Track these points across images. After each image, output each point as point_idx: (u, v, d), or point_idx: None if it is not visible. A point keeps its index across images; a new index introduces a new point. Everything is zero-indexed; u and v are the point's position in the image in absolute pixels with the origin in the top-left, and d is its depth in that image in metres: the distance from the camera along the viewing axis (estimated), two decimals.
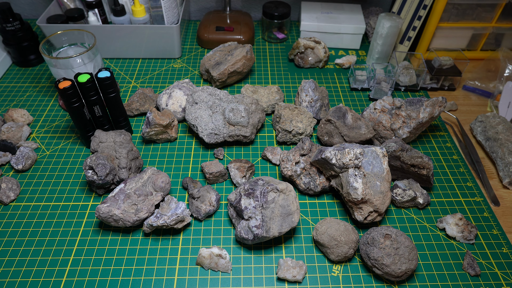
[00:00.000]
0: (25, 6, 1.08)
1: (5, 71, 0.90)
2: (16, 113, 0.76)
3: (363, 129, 0.68)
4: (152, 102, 0.79)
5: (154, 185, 0.59)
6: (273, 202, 0.55)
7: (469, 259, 0.56)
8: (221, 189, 0.66)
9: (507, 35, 0.92)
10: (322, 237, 0.55)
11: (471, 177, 0.69)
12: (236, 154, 0.72)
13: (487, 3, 0.86)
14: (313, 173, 0.64)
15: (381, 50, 0.89)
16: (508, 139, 0.70)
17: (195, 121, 0.70)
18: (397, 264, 0.51)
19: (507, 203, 0.66)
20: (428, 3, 0.84)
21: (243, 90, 0.80)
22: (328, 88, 0.87)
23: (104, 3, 0.95)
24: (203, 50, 0.98)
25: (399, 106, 0.70)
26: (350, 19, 0.96)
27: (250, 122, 0.70)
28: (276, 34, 1.01)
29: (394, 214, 0.63)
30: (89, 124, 0.68)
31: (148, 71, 0.91)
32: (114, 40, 0.89)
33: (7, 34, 0.86)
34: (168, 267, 0.55)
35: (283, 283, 0.54)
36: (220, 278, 0.54)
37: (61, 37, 0.72)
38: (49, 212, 0.62)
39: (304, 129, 0.71)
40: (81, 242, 0.58)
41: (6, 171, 0.68)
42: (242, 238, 0.55)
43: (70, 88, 0.60)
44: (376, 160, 0.59)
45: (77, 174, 0.68)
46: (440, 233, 0.61)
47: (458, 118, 0.81)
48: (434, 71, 0.84)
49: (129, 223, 0.56)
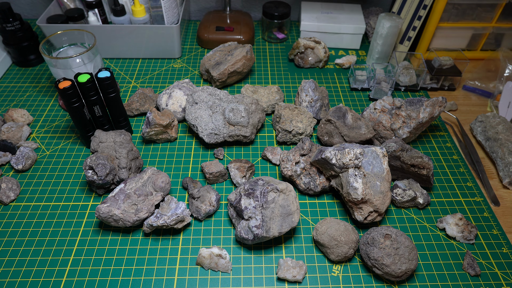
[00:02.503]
0: (25, 6, 1.08)
1: (5, 71, 0.90)
2: (16, 113, 0.76)
3: (363, 129, 0.68)
4: (152, 102, 0.79)
5: (154, 185, 0.59)
6: (273, 202, 0.55)
7: (469, 259, 0.56)
8: (221, 189, 0.66)
9: (507, 35, 0.92)
10: (322, 237, 0.55)
11: (471, 177, 0.69)
12: (236, 154, 0.72)
13: (487, 3, 0.86)
14: (313, 173, 0.64)
15: (381, 50, 0.89)
16: (508, 139, 0.70)
17: (195, 121, 0.70)
18: (397, 264, 0.51)
19: (507, 203, 0.66)
20: (428, 3, 0.84)
21: (243, 90, 0.80)
22: (328, 88, 0.87)
23: (104, 3, 0.95)
24: (203, 50, 0.98)
25: (399, 106, 0.70)
26: (350, 19, 0.96)
27: (250, 122, 0.70)
28: (276, 34, 1.01)
29: (394, 214, 0.63)
30: (89, 124, 0.68)
31: (148, 71, 0.91)
32: (114, 40, 0.89)
33: (7, 34, 0.86)
34: (168, 267, 0.55)
35: (283, 283, 0.54)
36: (220, 278, 0.54)
37: (61, 37, 0.72)
38: (49, 212, 0.62)
39: (304, 129, 0.71)
40: (81, 242, 0.58)
41: (6, 171, 0.68)
42: (242, 238, 0.55)
43: (70, 88, 0.60)
44: (376, 160, 0.59)
45: (77, 174, 0.68)
46: (440, 233, 0.61)
47: (458, 118, 0.81)
48: (434, 71, 0.84)
49: (129, 223, 0.56)
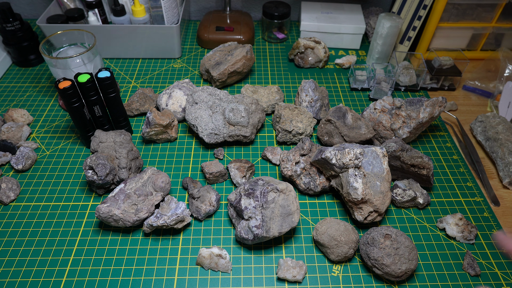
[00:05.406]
0: (25, 6, 1.08)
1: (5, 71, 0.90)
2: (16, 113, 0.76)
3: (363, 129, 0.68)
4: (152, 102, 0.79)
5: (154, 185, 0.59)
6: (273, 202, 0.55)
7: (469, 259, 0.56)
8: (221, 189, 0.66)
9: (507, 35, 0.92)
10: (322, 237, 0.55)
11: (471, 177, 0.69)
12: (236, 154, 0.72)
13: (487, 3, 0.86)
14: (313, 173, 0.64)
15: (381, 50, 0.89)
16: (508, 139, 0.70)
17: (195, 121, 0.70)
18: (397, 264, 0.51)
19: (507, 203, 0.66)
20: (428, 3, 0.84)
21: (243, 90, 0.80)
22: (328, 88, 0.87)
23: (104, 3, 0.95)
24: (203, 50, 0.98)
25: (399, 106, 0.70)
26: (350, 19, 0.96)
27: (250, 122, 0.70)
28: (276, 34, 1.01)
29: (394, 214, 0.63)
30: (89, 124, 0.68)
31: (148, 71, 0.91)
32: (114, 40, 0.89)
33: (7, 34, 0.86)
34: (168, 267, 0.55)
35: (283, 283, 0.54)
36: (220, 278, 0.54)
37: (61, 37, 0.72)
38: (49, 212, 0.62)
39: (304, 129, 0.71)
40: (81, 242, 0.58)
41: (6, 171, 0.68)
42: (242, 238, 0.55)
43: (70, 88, 0.60)
44: (376, 160, 0.59)
45: (77, 174, 0.68)
46: (440, 233, 0.61)
47: (458, 118, 0.81)
48: (434, 71, 0.84)
49: (129, 223, 0.56)
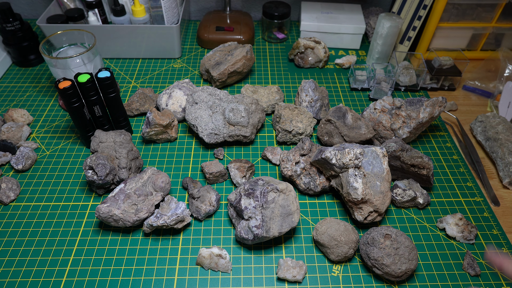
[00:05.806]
0: (25, 6, 1.08)
1: (5, 71, 0.90)
2: (16, 113, 0.76)
3: (363, 129, 0.68)
4: (152, 102, 0.79)
5: (154, 185, 0.59)
6: (273, 202, 0.55)
7: (469, 259, 0.56)
8: (221, 189, 0.66)
9: (507, 35, 0.92)
10: (322, 237, 0.55)
11: (471, 177, 0.69)
12: (236, 154, 0.72)
13: (487, 3, 0.86)
14: (313, 173, 0.64)
15: (381, 50, 0.89)
16: (508, 139, 0.70)
17: (195, 121, 0.70)
18: (397, 264, 0.51)
19: (507, 203, 0.66)
20: (428, 3, 0.84)
21: (243, 90, 0.80)
22: (328, 88, 0.87)
23: (104, 3, 0.95)
24: (203, 50, 0.98)
25: (399, 106, 0.70)
26: (350, 19, 0.96)
27: (250, 122, 0.70)
28: (276, 34, 1.01)
29: (394, 214, 0.63)
30: (89, 124, 0.68)
31: (148, 71, 0.91)
32: (114, 40, 0.89)
33: (7, 34, 0.86)
34: (168, 267, 0.55)
35: (283, 283, 0.54)
36: (220, 278, 0.54)
37: (61, 37, 0.72)
38: (49, 212, 0.62)
39: (304, 129, 0.71)
40: (81, 242, 0.58)
41: (6, 171, 0.68)
42: (242, 238, 0.55)
43: (70, 88, 0.60)
44: (376, 160, 0.59)
45: (77, 174, 0.68)
46: (440, 233, 0.61)
47: (458, 118, 0.81)
48: (434, 71, 0.84)
49: (129, 223, 0.56)
